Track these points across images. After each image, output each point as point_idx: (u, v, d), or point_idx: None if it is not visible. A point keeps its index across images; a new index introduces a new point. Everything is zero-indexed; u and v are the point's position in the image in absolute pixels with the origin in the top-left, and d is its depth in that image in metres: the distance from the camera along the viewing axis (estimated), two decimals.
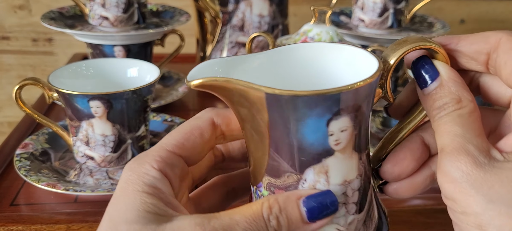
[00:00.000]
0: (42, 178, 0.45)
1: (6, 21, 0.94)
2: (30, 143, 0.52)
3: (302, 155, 0.25)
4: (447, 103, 0.25)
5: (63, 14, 0.67)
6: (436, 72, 0.26)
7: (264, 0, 0.70)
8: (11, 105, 1.01)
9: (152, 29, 0.63)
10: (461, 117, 0.25)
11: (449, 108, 0.25)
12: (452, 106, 0.25)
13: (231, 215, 0.24)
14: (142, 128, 0.50)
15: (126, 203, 0.24)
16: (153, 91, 0.50)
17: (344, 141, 0.25)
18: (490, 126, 0.28)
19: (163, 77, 0.75)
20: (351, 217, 0.26)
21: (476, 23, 1.01)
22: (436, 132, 0.25)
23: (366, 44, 0.65)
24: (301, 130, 0.24)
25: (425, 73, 0.26)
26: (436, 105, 0.25)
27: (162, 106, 0.65)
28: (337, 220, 0.26)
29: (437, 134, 0.25)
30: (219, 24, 0.73)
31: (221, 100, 0.26)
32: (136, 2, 0.64)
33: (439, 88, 0.26)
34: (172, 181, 0.26)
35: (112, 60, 0.55)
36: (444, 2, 0.98)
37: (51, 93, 0.48)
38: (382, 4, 0.66)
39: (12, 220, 0.42)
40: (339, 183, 0.25)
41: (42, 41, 0.97)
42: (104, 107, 0.46)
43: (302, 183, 0.25)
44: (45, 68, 0.98)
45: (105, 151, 0.48)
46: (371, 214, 0.27)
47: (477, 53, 0.26)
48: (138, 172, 0.25)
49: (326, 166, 0.25)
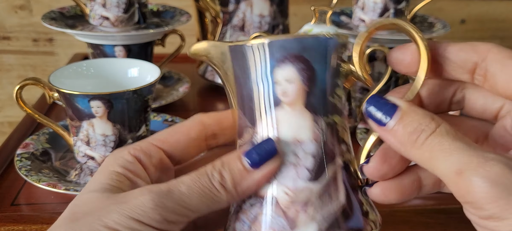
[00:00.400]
0: (42, 178, 0.46)
1: (7, 21, 0.94)
2: (30, 143, 0.52)
3: (253, 106, 0.26)
4: (420, 124, 0.23)
5: (64, 14, 0.67)
6: (393, 105, 0.24)
7: (264, 0, 0.70)
8: (11, 105, 1.01)
9: (153, 29, 0.63)
10: (449, 132, 0.23)
11: (429, 128, 0.23)
12: (430, 126, 0.23)
13: (178, 178, 0.25)
14: (142, 127, 0.50)
15: (95, 178, 0.26)
16: (153, 91, 0.50)
17: (292, 94, 0.26)
18: (475, 136, 0.28)
19: (163, 77, 0.75)
20: (302, 182, 0.25)
21: (476, 23, 1.01)
22: (428, 158, 0.23)
23: (367, 45, 0.65)
24: (252, 78, 0.26)
25: (382, 107, 0.25)
26: (409, 130, 0.24)
27: (162, 106, 0.65)
28: (285, 182, 0.26)
29: (433, 159, 0.23)
30: (220, 24, 0.73)
31: (221, 101, 0.28)
32: (137, 2, 0.64)
33: (404, 117, 0.24)
34: (147, 168, 0.27)
35: (113, 60, 0.55)
36: (445, 2, 0.98)
37: (52, 93, 0.48)
38: (382, 4, 0.66)
39: (12, 220, 0.42)
40: (289, 140, 0.26)
41: (42, 41, 0.97)
42: (105, 107, 0.46)
43: (255, 137, 0.26)
44: (45, 68, 0.98)
45: (106, 151, 0.48)
46: (333, 194, 0.26)
47: (464, 61, 0.26)
48: (115, 155, 0.27)
49: (274, 118, 0.26)
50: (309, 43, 0.26)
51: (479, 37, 1.02)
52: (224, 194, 0.25)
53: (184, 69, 0.80)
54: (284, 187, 0.26)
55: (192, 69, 0.81)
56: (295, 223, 0.25)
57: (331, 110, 0.27)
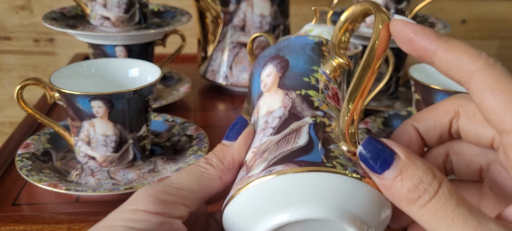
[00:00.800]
0: (43, 178, 0.46)
1: (8, 21, 0.94)
2: (31, 143, 0.52)
3: (252, 106, 0.31)
4: (422, 181, 0.22)
5: (65, 15, 0.68)
6: (391, 153, 0.23)
7: (265, 0, 0.70)
8: (12, 105, 1.01)
9: (154, 30, 0.63)
10: (452, 194, 0.22)
11: (431, 189, 0.22)
12: (432, 185, 0.22)
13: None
14: (143, 128, 0.50)
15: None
16: (154, 91, 0.50)
17: (269, 82, 0.31)
18: (479, 166, 0.28)
19: (164, 78, 0.75)
20: (265, 138, 0.27)
21: (477, 23, 1.01)
22: (429, 221, 0.22)
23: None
24: (252, 87, 0.33)
25: (379, 154, 0.23)
26: (408, 186, 0.22)
27: (163, 106, 0.65)
28: (254, 144, 0.28)
29: (435, 224, 0.22)
30: (220, 25, 0.73)
31: (221, 101, 0.29)
32: (138, 2, 0.64)
33: (404, 171, 0.22)
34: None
35: (114, 60, 0.55)
36: (446, 2, 0.98)
37: (53, 93, 0.48)
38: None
39: (13, 220, 0.42)
40: (263, 114, 0.29)
41: (43, 42, 0.97)
42: (106, 108, 0.46)
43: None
44: (46, 69, 0.98)
45: (107, 151, 0.48)
46: (291, 140, 0.26)
47: (444, 114, 0.28)
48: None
49: (258, 105, 0.31)
50: (283, 44, 0.32)
51: (480, 37, 1.02)
52: (211, 169, 0.28)
53: (185, 69, 0.80)
54: (252, 148, 0.28)
55: (192, 69, 0.81)
56: (251, 169, 0.26)
57: (305, 86, 0.30)
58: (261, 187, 0.24)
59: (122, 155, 0.49)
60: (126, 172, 0.49)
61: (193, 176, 0.27)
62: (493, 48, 1.04)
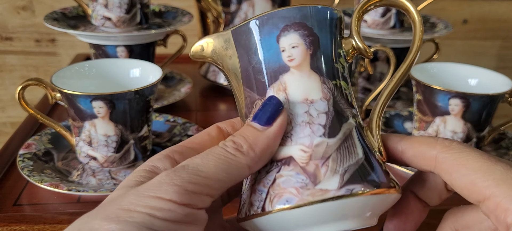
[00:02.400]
0: (45, 178, 0.46)
1: (9, 21, 0.95)
2: (33, 143, 0.52)
3: (262, 76, 0.27)
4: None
5: (66, 15, 0.68)
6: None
7: (266, 1, 0.70)
8: (14, 105, 1.01)
9: (155, 30, 0.63)
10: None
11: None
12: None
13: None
14: (144, 128, 0.50)
15: (125, 179, 0.26)
16: (155, 91, 0.50)
17: (298, 57, 0.26)
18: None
19: (165, 78, 0.75)
20: (318, 138, 0.25)
21: (478, 23, 1.01)
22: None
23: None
24: (258, 52, 0.27)
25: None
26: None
27: (164, 106, 0.65)
28: (301, 140, 0.25)
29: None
30: (222, 25, 0.73)
31: (222, 101, 0.28)
32: (139, 3, 0.64)
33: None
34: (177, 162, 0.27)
35: (115, 60, 0.55)
36: (447, 2, 0.98)
37: (54, 93, 0.48)
38: None
39: (15, 220, 0.42)
40: (300, 100, 0.26)
41: (45, 42, 0.97)
42: (107, 108, 0.46)
43: None
44: (48, 69, 0.99)
45: (108, 151, 0.48)
46: (350, 148, 0.26)
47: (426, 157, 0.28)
48: (151, 159, 0.27)
49: (283, 82, 0.26)
50: (309, 11, 0.27)
51: (481, 37, 1.02)
52: (241, 157, 0.25)
53: (186, 69, 0.80)
54: (300, 146, 0.25)
55: (194, 69, 0.81)
56: (317, 177, 0.25)
57: (338, 75, 0.27)
58: (339, 205, 0.24)
59: (123, 155, 0.49)
60: (127, 172, 0.49)
61: (221, 163, 0.24)
62: (495, 48, 1.04)
